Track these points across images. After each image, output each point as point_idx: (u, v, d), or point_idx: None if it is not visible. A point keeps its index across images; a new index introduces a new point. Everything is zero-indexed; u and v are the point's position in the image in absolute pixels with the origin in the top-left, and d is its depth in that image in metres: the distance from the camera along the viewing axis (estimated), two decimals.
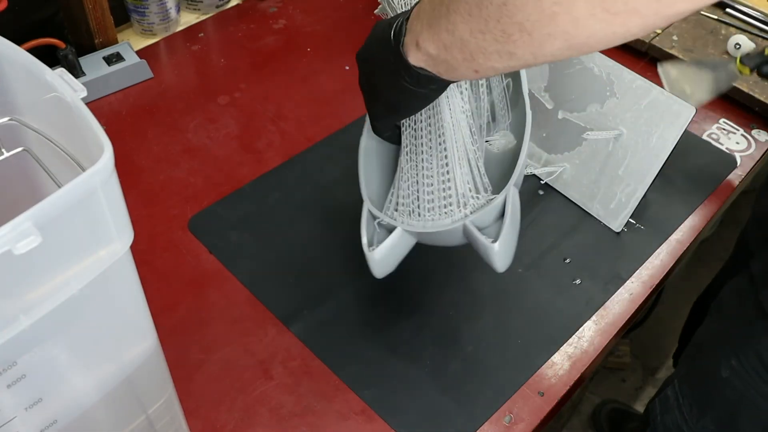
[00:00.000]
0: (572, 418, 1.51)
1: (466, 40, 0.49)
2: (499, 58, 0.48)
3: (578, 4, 0.40)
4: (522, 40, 0.45)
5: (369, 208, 0.69)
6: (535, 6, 0.42)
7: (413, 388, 0.69)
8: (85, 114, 0.37)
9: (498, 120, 0.75)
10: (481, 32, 0.47)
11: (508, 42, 0.46)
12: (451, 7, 0.50)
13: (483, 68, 0.51)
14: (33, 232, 0.32)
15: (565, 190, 0.87)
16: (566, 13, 0.41)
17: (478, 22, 0.47)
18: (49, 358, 0.40)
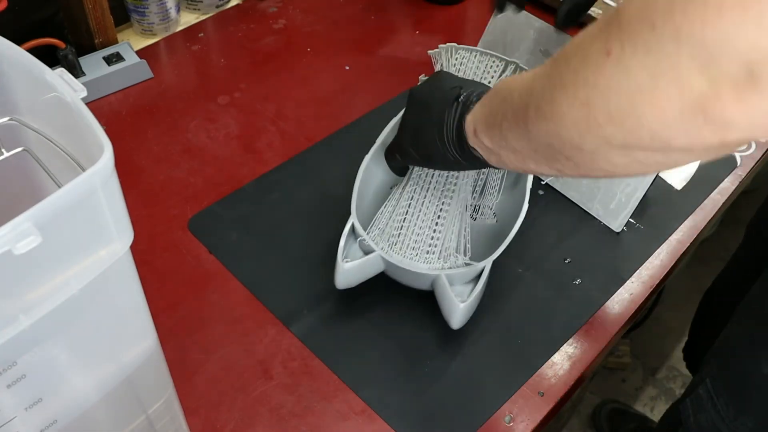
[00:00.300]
0: (572, 418, 1.51)
1: (518, 152, 0.52)
2: (549, 170, 0.51)
3: (614, 155, 0.43)
4: (569, 168, 0.48)
5: (354, 224, 0.72)
6: (576, 150, 0.44)
7: (413, 388, 0.69)
8: (85, 114, 0.37)
9: (485, 195, 0.81)
10: (533, 153, 0.50)
11: (556, 166, 0.49)
12: (504, 126, 0.52)
13: (532, 172, 0.55)
14: (33, 232, 0.32)
15: (565, 190, 0.87)
16: (605, 160, 0.44)
17: (528, 145, 0.50)
18: (49, 358, 0.40)
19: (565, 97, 0.43)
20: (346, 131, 0.94)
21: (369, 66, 1.02)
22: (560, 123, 0.44)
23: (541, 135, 0.47)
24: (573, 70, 0.42)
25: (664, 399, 1.57)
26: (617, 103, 0.39)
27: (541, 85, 0.46)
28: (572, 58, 0.42)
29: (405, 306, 0.75)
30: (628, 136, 0.40)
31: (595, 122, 0.41)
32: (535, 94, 0.47)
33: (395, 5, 1.17)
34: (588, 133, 0.42)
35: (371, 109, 0.97)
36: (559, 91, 0.43)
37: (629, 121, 0.39)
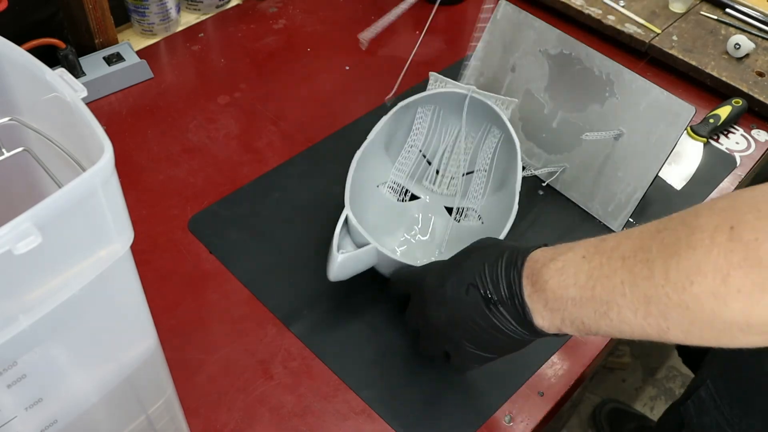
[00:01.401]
0: (572, 417, 1.51)
1: (627, 331, 0.49)
2: (648, 330, 0.48)
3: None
4: (677, 338, 0.46)
5: (349, 216, 0.70)
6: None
7: (413, 388, 0.69)
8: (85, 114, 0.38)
9: (469, 197, 0.82)
10: (652, 321, 0.47)
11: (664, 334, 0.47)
12: (607, 327, 0.49)
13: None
14: (33, 232, 0.32)
15: (565, 190, 0.87)
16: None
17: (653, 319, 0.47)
18: (50, 358, 0.40)
19: (738, 330, 0.43)
20: (346, 131, 0.94)
21: (369, 66, 1.02)
22: (731, 343, 0.44)
23: (695, 344, 0.46)
24: (739, 310, 0.41)
25: (663, 399, 1.57)
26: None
27: (679, 316, 0.44)
28: (731, 300, 0.42)
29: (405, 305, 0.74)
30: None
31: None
32: (671, 321, 0.45)
33: (395, 5, 1.17)
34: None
35: (371, 109, 0.97)
36: (720, 325, 0.43)
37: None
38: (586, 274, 0.49)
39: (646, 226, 0.48)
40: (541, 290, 0.52)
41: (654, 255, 0.45)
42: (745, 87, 0.99)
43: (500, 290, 0.55)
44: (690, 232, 0.43)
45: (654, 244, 0.46)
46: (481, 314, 0.56)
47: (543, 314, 0.53)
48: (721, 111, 0.97)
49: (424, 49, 1.08)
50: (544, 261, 0.53)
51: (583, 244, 0.51)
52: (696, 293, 0.42)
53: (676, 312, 0.44)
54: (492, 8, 0.87)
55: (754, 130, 0.99)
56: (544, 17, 0.88)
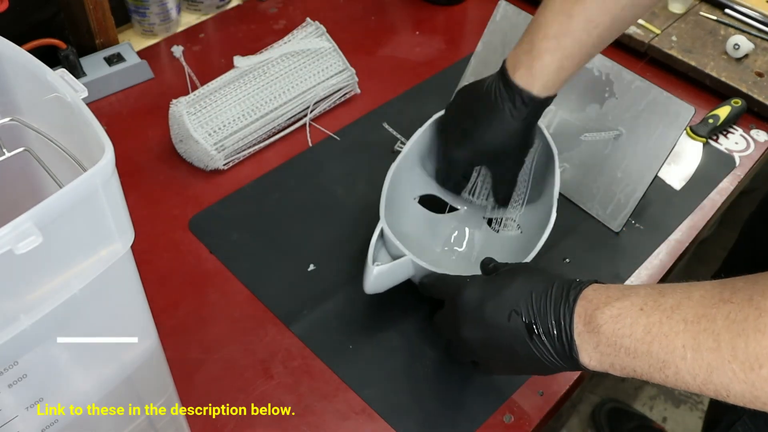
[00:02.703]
0: (572, 417, 1.51)
1: (681, 387, 0.49)
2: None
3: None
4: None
5: (384, 228, 0.70)
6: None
7: (413, 388, 0.69)
8: (86, 114, 0.38)
9: (509, 207, 0.81)
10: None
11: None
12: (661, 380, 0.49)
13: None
14: (34, 232, 0.32)
15: (565, 190, 0.87)
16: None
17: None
18: (50, 357, 0.40)
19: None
20: (346, 131, 0.94)
21: (369, 66, 1.02)
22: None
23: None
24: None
25: (663, 398, 1.57)
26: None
27: (742, 391, 0.45)
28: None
29: (405, 305, 0.75)
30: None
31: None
32: (732, 392, 0.46)
33: (395, 6, 1.17)
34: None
35: (371, 109, 0.97)
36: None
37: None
38: (643, 329, 0.49)
39: (709, 290, 0.48)
40: (593, 332, 0.52)
41: (719, 327, 0.46)
42: (745, 87, 1.00)
43: (547, 323, 0.54)
44: (758, 314, 0.44)
45: (719, 315, 0.46)
46: (521, 343, 0.55)
47: (591, 355, 0.52)
48: (721, 111, 0.97)
49: (424, 49, 1.08)
50: (597, 304, 0.52)
51: (641, 293, 0.51)
52: (764, 376, 0.44)
53: (740, 387, 0.45)
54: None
55: (754, 131, 0.99)
56: None
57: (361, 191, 0.86)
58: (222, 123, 0.85)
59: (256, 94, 0.89)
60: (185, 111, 0.83)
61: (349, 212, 0.83)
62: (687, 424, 1.52)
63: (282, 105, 0.90)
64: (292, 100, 0.91)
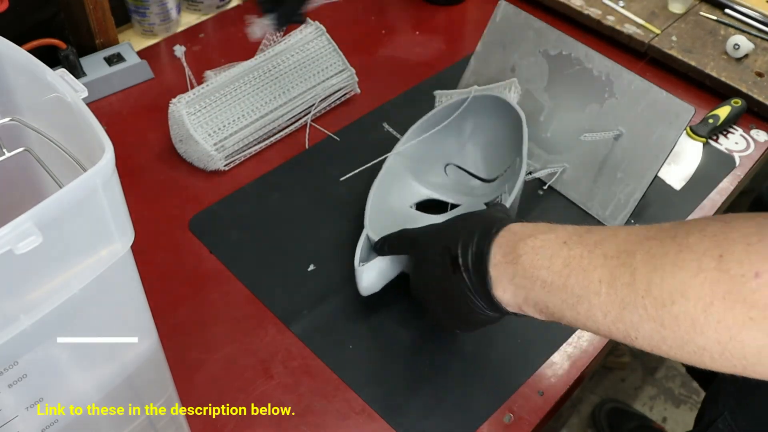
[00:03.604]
0: (572, 417, 1.51)
1: (591, 328, 0.48)
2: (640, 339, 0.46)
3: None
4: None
5: (368, 234, 0.73)
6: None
7: (413, 388, 0.69)
8: (86, 114, 0.38)
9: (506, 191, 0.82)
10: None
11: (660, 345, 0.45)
12: (579, 321, 0.48)
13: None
14: (34, 232, 0.32)
15: (565, 191, 0.87)
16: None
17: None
18: (50, 357, 0.40)
19: (709, 357, 0.42)
20: (346, 131, 0.94)
21: (369, 66, 1.02)
22: (700, 364, 0.44)
23: (659, 355, 0.46)
24: (715, 340, 0.41)
25: (663, 398, 1.57)
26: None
27: (650, 330, 0.44)
28: (708, 329, 0.41)
29: (405, 305, 0.75)
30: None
31: (759, 375, 0.42)
32: (642, 333, 0.44)
33: (395, 6, 1.17)
34: (742, 373, 0.43)
35: (371, 109, 0.97)
36: (693, 348, 0.42)
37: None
38: (563, 261, 0.48)
39: (635, 229, 0.47)
40: (511, 263, 0.51)
41: (638, 262, 0.44)
42: (745, 87, 1.00)
43: (468, 255, 0.54)
44: (678, 250, 0.43)
45: (640, 250, 0.45)
46: (447, 277, 0.56)
47: (506, 287, 0.52)
48: (721, 111, 0.97)
49: (424, 49, 1.08)
50: (522, 235, 0.52)
51: (568, 229, 0.51)
52: (675, 314, 0.42)
53: (650, 326, 0.44)
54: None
55: (753, 131, 0.99)
56: (544, 17, 0.88)
57: (361, 191, 0.85)
58: (222, 123, 0.85)
59: (255, 95, 0.89)
60: (185, 111, 0.83)
61: (349, 212, 0.83)
62: (687, 424, 1.52)
63: (282, 105, 0.90)
64: (292, 101, 0.91)
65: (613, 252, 0.46)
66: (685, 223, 0.45)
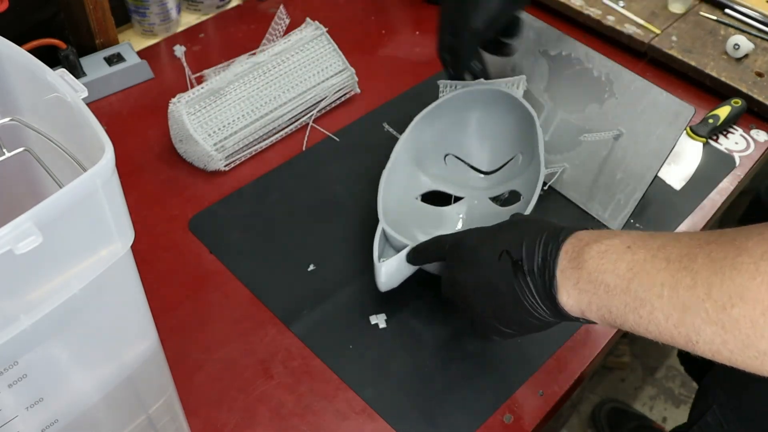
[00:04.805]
0: (572, 417, 1.51)
1: (653, 333, 0.48)
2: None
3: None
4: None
5: (384, 228, 0.72)
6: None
7: (413, 388, 0.69)
8: (86, 114, 0.38)
9: (507, 182, 0.83)
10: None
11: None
12: (641, 328, 0.48)
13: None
14: (34, 232, 0.32)
15: (565, 191, 0.87)
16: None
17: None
18: (50, 357, 0.40)
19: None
20: (346, 131, 0.94)
21: (369, 66, 1.02)
22: (760, 371, 0.44)
23: (720, 362, 0.46)
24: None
25: (663, 398, 1.57)
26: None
27: (712, 334, 0.44)
28: (766, 325, 0.41)
29: (405, 305, 0.75)
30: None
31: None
32: (703, 337, 0.44)
33: (395, 6, 1.17)
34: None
35: (371, 109, 0.97)
36: (754, 353, 0.43)
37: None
38: (627, 265, 0.49)
39: (697, 234, 0.48)
40: (577, 268, 0.51)
41: (699, 266, 0.45)
42: (745, 87, 1.00)
43: (534, 260, 0.54)
44: (737, 253, 0.43)
45: (701, 254, 0.45)
46: (507, 282, 0.55)
47: (570, 292, 0.52)
48: (721, 111, 0.97)
49: (424, 49, 1.08)
50: (587, 240, 0.52)
51: (632, 234, 0.51)
52: (735, 317, 0.42)
53: (711, 329, 0.44)
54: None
55: (754, 131, 0.99)
56: (544, 17, 0.88)
57: (360, 191, 0.86)
58: (222, 123, 0.85)
59: (255, 95, 0.89)
60: (185, 111, 0.83)
61: (349, 212, 0.84)
62: None
63: (282, 105, 0.90)
64: (292, 101, 0.91)
65: (675, 256, 0.47)
66: (746, 228, 0.45)
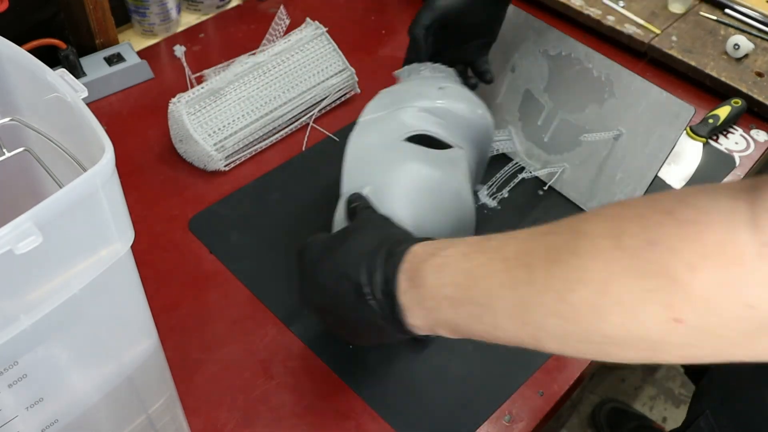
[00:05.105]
0: (572, 417, 1.52)
1: (501, 338, 0.47)
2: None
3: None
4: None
5: (349, 198, 0.68)
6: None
7: (413, 388, 0.69)
8: (86, 114, 0.38)
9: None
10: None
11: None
12: (486, 333, 0.47)
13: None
14: (34, 232, 0.32)
15: (565, 191, 0.87)
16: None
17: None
18: (50, 357, 0.40)
19: (614, 345, 0.40)
20: (346, 131, 0.94)
21: (369, 66, 1.02)
22: (608, 356, 0.42)
23: (571, 356, 0.45)
24: (616, 324, 0.39)
25: (663, 398, 1.57)
26: (697, 353, 0.39)
27: (554, 326, 0.42)
28: (607, 313, 0.39)
29: None
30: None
31: (664, 360, 0.41)
32: (547, 331, 0.43)
33: (395, 6, 1.17)
34: (649, 361, 0.41)
35: None
36: (598, 338, 0.41)
37: (714, 358, 0.38)
38: (464, 274, 0.46)
39: (535, 228, 0.46)
40: (417, 287, 0.49)
41: (536, 259, 0.43)
42: (745, 87, 1.00)
43: (375, 285, 0.51)
44: (576, 237, 0.41)
45: (539, 247, 0.43)
46: (352, 308, 0.53)
47: (417, 314, 0.50)
48: (721, 111, 0.97)
49: None
50: (424, 256, 0.50)
51: (468, 240, 0.49)
52: (574, 303, 0.40)
53: (552, 322, 0.42)
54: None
55: (753, 131, 0.99)
56: (544, 17, 0.88)
57: None
58: (222, 123, 0.85)
59: (255, 95, 0.89)
60: (185, 111, 0.83)
61: None
62: None
63: (282, 105, 0.90)
64: (292, 101, 0.91)
65: (512, 254, 0.44)
66: (583, 213, 0.44)
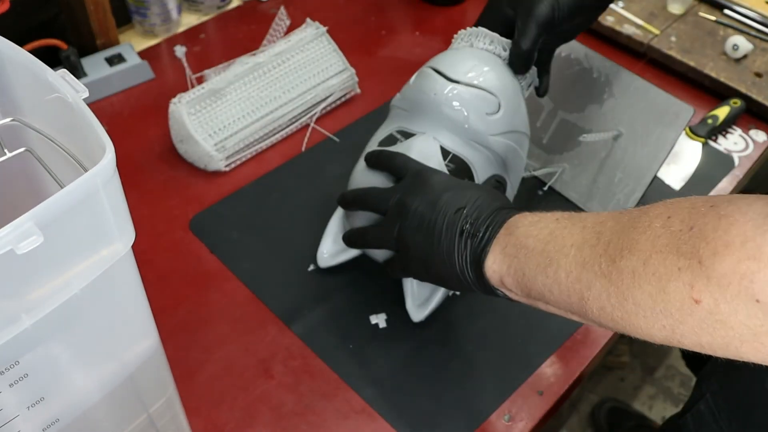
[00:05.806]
0: (571, 416, 1.52)
1: (555, 293, 0.51)
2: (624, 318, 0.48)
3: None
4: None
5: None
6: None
7: (413, 387, 0.69)
8: (87, 114, 0.38)
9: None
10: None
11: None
12: (547, 297, 0.52)
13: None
14: (35, 232, 0.32)
15: (565, 191, 0.87)
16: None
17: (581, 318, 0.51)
18: (51, 357, 0.40)
19: (643, 316, 0.45)
20: (346, 131, 0.94)
21: (369, 66, 1.03)
22: (636, 329, 0.47)
23: (606, 325, 0.49)
24: (648, 293, 0.43)
25: (662, 397, 1.57)
26: (710, 340, 0.42)
27: (600, 287, 0.47)
28: (644, 282, 0.44)
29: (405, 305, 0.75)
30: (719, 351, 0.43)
31: (680, 342, 0.44)
32: (593, 291, 0.47)
33: (395, 6, 1.17)
34: (669, 341, 0.45)
35: (371, 109, 0.97)
36: (631, 306, 0.45)
37: (723, 351, 0.42)
38: (549, 232, 0.52)
39: (620, 210, 0.51)
40: (508, 234, 0.55)
41: (606, 228, 0.48)
42: (744, 88, 1.00)
43: (481, 227, 0.57)
44: (639, 215, 0.46)
45: (611, 220, 0.48)
46: (449, 238, 0.58)
47: (496, 257, 0.55)
48: (720, 111, 0.97)
49: (424, 49, 1.09)
50: (527, 215, 0.56)
51: (565, 213, 0.55)
52: (621, 267, 0.45)
53: (600, 282, 0.46)
54: None
55: (752, 131, 0.99)
56: None
57: None
58: (222, 123, 0.86)
59: (256, 95, 0.89)
60: (185, 111, 0.84)
61: None
62: None
63: (282, 105, 0.90)
64: (293, 101, 0.91)
65: (591, 223, 0.50)
66: (662, 201, 0.48)
